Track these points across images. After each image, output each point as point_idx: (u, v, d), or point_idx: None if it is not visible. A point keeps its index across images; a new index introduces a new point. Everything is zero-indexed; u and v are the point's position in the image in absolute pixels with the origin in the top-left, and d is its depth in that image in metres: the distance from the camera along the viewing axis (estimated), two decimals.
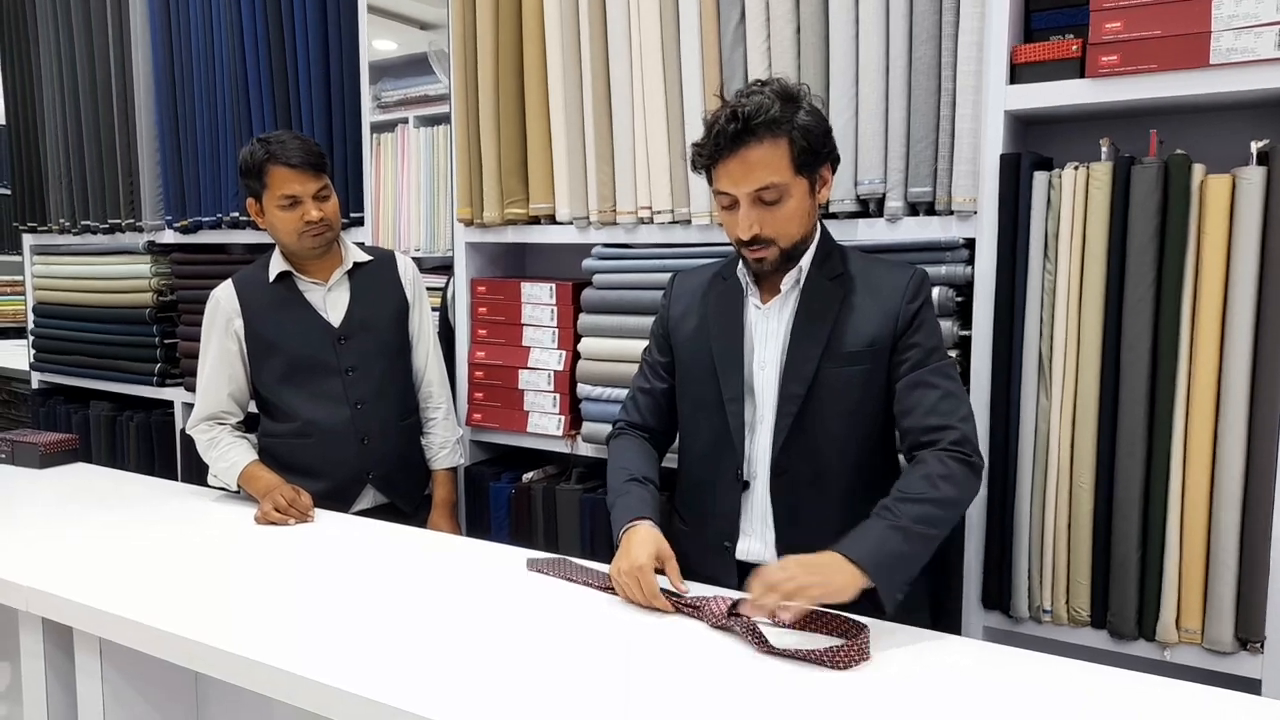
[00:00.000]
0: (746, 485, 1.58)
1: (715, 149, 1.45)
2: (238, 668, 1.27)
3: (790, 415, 1.52)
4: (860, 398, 1.52)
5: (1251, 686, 1.61)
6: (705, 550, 1.60)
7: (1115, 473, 1.68)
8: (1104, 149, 1.66)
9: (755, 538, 1.58)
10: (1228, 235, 1.57)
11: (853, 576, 1.28)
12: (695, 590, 1.46)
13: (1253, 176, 1.54)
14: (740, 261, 1.60)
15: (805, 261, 1.54)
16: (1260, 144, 1.57)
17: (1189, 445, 1.63)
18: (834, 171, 1.56)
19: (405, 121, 2.58)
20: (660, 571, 1.45)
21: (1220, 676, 1.63)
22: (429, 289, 2.40)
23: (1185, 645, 1.67)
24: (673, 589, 1.44)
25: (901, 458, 1.59)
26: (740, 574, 1.51)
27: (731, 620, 1.33)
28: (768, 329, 1.57)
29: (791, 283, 1.55)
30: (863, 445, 1.55)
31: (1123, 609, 1.69)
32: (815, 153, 1.47)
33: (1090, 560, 1.72)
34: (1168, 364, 1.62)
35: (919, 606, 1.59)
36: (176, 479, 2.97)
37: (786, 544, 1.54)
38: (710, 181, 1.52)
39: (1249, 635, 1.61)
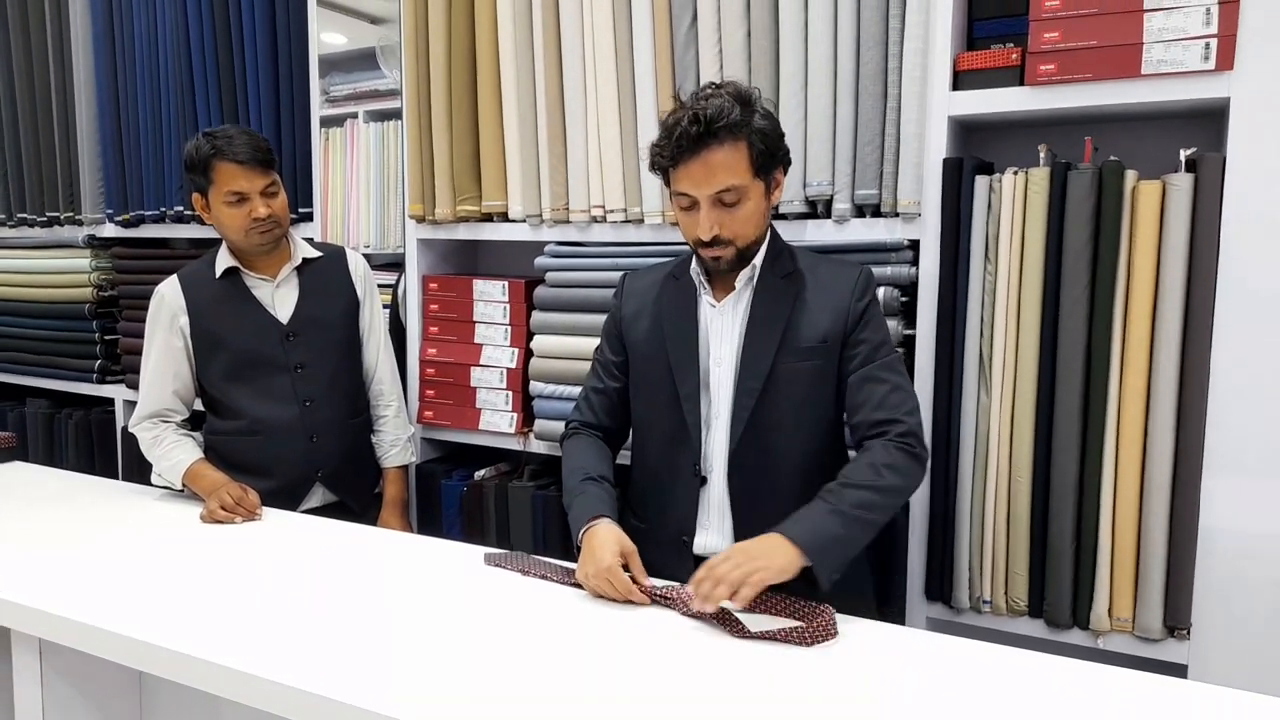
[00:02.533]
0: (704, 480, 1.60)
1: (676, 151, 1.46)
2: (183, 666, 1.26)
3: (747, 409, 1.54)
4: (812, 392, 1.56)
5: (1179, 671, 1.68)
6: (662, 546, 1.61)
7: (1051, 468, 1.74)
8: (1042, 155, 1.72)
9: (713, 531, 1.60)
10: (1158, 238, 1.63)
11: (793, 556, 1.34)
12: (657, 584, 1.47)
13: (1182, 183, 1.61)
14: (693, 261, 1.62)
15: (758, 260, 1.57)
16: (1188, 152, 1.64)
17: (1121, 441, 1.69)
18: (785, 173, 1.59)
19: (355, 116, 2.56)
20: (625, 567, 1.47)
21: (1150, 662, 1.70)
22: (380, 286, 2.38)
23: (1117, 633, 1.73)
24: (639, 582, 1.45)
25: (851, 451, 1.63)
26: (698, 567, 1.52)
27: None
28: (722, 326, 1.59)
29: (745, 281, 1.58)
30: (814, 438, 1.59)
31: (1058, 599, 1.75)
32: (771, 155, 1.50)
33: (1028, 552, 1.78)
34: (1101, 362, 1.69)
35: (864, 599, 1.64)
36: (118, 478, 2.90)
37: (744, 536, 1.53)
38: (667, 183, 1.54)
39: (1176, 623, 1.68)
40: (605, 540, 1.47)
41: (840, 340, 1.55)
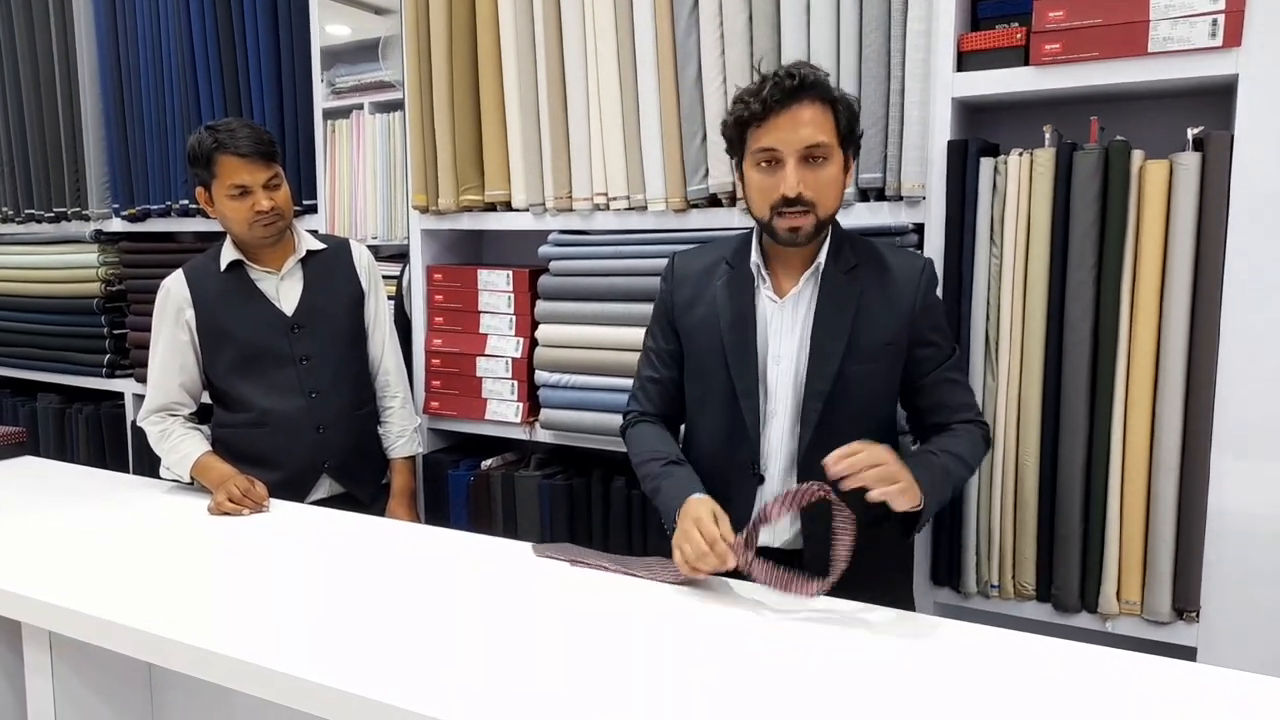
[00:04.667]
0: (761, 479, 1.56)
1: (767, 102, 1.42)
2: (193, 659, 1.27)
3: (815, 412, 1.50)
4: (877, 393, 1.54)
5: (1188, 654, 1.67)
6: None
7: (1059, 451, 1.73)
8: (1047, 135, 1.70)
9: (770, 528, 1.53)
10: (1165, 219, 1.62)
11: (916, 495, 1.36)
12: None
13: (1189, 162, 1.59)
14: (752, 249, 1.55)
15: (822, 255, 1.52)
16: (1196, 131, 1.62)
17: (1128, 424, 1.68)
18: (856, 160, 1.57)
19: (360, 107, 2.56)
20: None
21: (1159, 645, 1.69)
22: (386, 277, 2.38)
23: (1126, 616, 1.72)
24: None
25: (909, 437, 1.69)
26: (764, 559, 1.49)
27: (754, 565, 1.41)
28: (783, 323, 1.53)
29: (809, 275, 1.53)
30: (875, 435, 1.49)
31: (1067, 583, 1.75)
32: (852, 130, 1.49)
33: (1035, 536, 1.77)
34: (1108, 345, 1.67)
35: (904, 586, 1.68)
36: (128, 471, 2.93)
37: (808, 533, 1.55)
38: (738, 148, 1.49)
39: (1185, 606, 1.67)
40: (700, 502, 1.44)
41: (906, 341, 1.53)
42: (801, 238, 1.46)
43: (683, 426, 1.71)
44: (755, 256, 1.55)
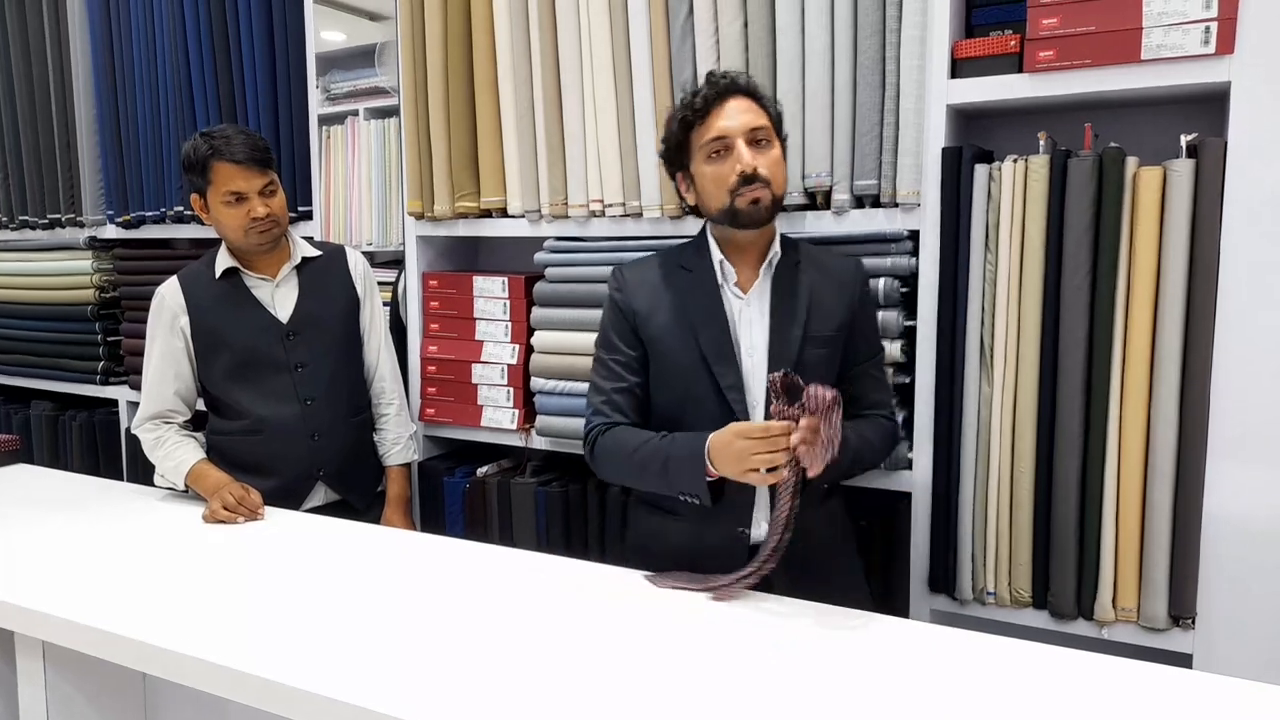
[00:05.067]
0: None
1: (708, 98, 1.55)
2: (187, 668, 1.26)
3: None
4: (828, 378, 1.58)
5: (1184, 661, 1.67)
6: (715, 541, 1.58)
7: (1054, 457, 1.73)
8: (1041, 142, 1.71)
9: (764, 518, 1.59)
10: (1159, 225, 1.62)
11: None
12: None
13: (1182, 169, 1.59)
14: (711, 248, 1.61)
15: (776, 246, 1.62)
16: (1189, 137, 1.62)
17: (1124, 430, 1.68)
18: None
19: (355, 114, 2.56)
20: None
21: (1155, 652, 1.69)
22: (381, 284, 2.38)
23: (1122, 623, 1.72)
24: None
25: None
26: (752, 557, 1.52)
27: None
28: (750, 317, 1.60)
29: (765, 268, 1.61)
30: None
31: (1063, 590, 1.75)
32: (780, 126, 1.62)
33: (1031, 543, 1.77)
34: (1103, 351, 1.67)
35: (859, 590, 1.69)
36: (122, 479, 2.92)
37: (799, 519, 1.54)
38: (684, 154, 1.59)
39: (1181, 612, 1.67)
40: (733, 429, 1.43)
41: (849, 330, 1.64)
42: (763, 211, 1.55)
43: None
44: (718, 254, 1.61)
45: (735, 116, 1.54)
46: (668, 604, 1.42)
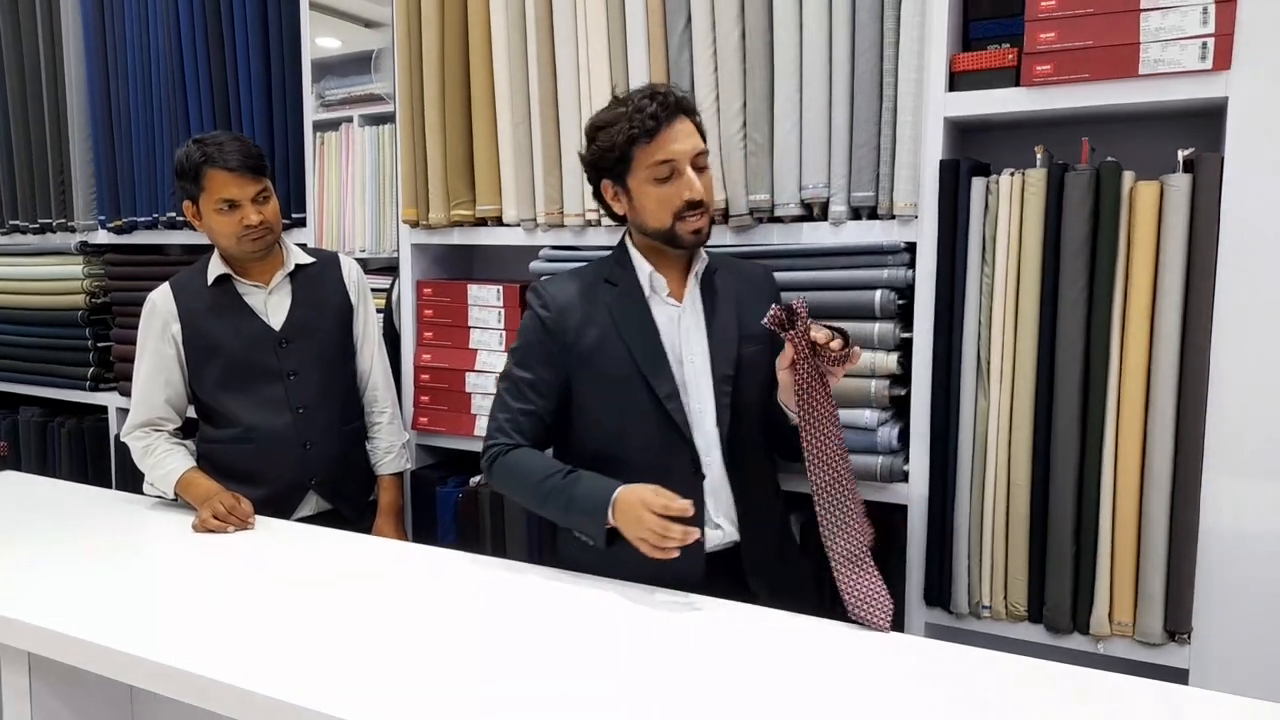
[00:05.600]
0: (704, 475, 1.59)
1: (659, 117, 1.54)
2: (176, 681, 1.24)
3: (727, 395, 1.61)
4: (765, 374, 1.64)
5: (1180, 676, 1.67)
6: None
7: (1050, 471, 1.73)
8: (1039, 156, 1.71)
9: (724, 521, 1.61)
10: (1156, 239, 1.62)
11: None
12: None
13: (1179, 183, 1.59)
14: (636, 262, 1.63)
15: (702, 257, 1.66)
16: (1186, 152, 1.62)
17: (1120, 443, 1.68)
18: None
19: (350, 120, 2.55)
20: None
21: (1151, 667, 1.68)
22: (375, 291, 2.37)
23: (1118, 638, 1.72)
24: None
25: None
26: (708, 564, 1.56)
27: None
28: (687, 324, 1.63)
29: (694, 277, 1.65)
30: (765, 413, 1.65)
31: (1058, 604, 1.74)
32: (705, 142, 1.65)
33: (1027, 557, 1.76)
34: (1100, 365, 1.67)
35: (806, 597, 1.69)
36: (110, 487, 2.89)
37: (748, 521, 1.61)
38: (623, 168, 1.58)
39: (1177, 627, 1.67)
40: (642, 492, 1.43)
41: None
42: (702, 239, 1.60)
43: (579, 447, 1.66)
44: (646, 266, 1.64)
45: (684, 140, 1.56)
46: (660, 616, 1.41)
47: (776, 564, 1.65)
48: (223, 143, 1.92)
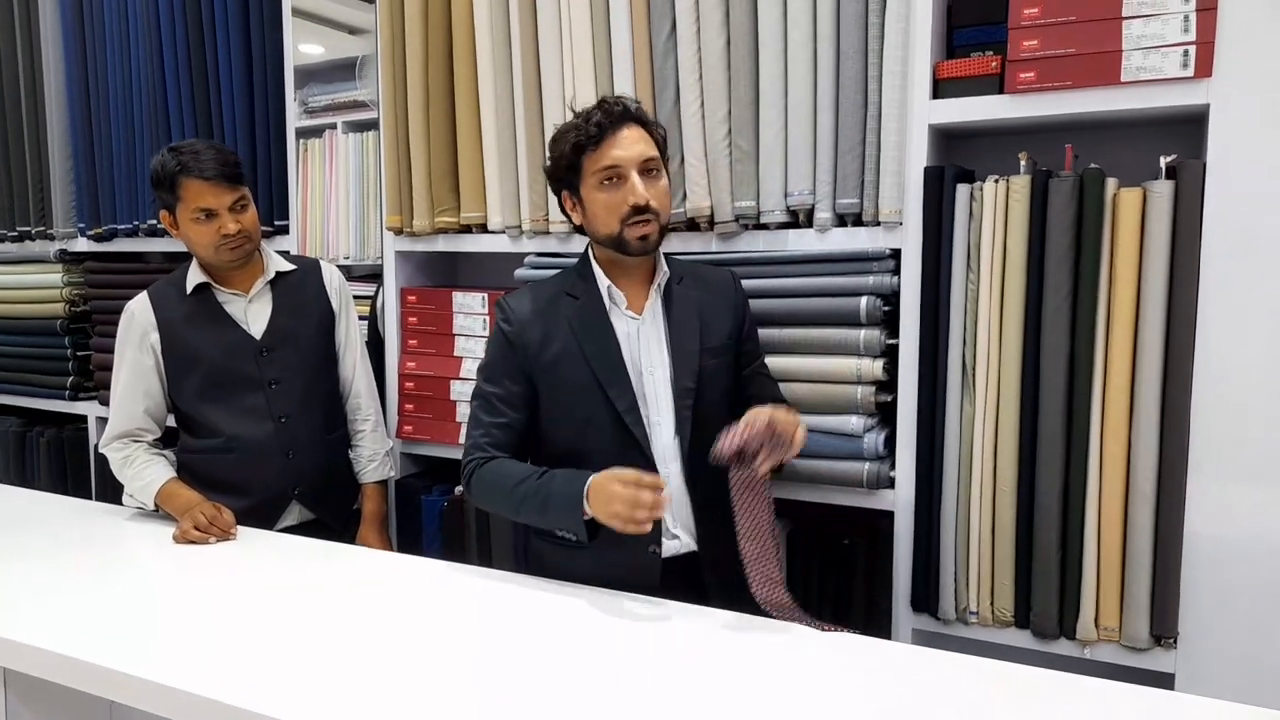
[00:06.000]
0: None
1: (603, 125, 1.56)
2: (156, 696, 1.22)
3: (688, 408, 1.61)
4: (728, 385, 1.67)
5: (1166, 680, 1.67)
6: (626, 559, 1.57)
7: (1036, 476, 1.73)
8: (1023, 163, 1.71)
9: (682, 532, 1.63)
10: (1139, 245, 1.63)
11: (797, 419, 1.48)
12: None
13: (1162, 190, 1.60)
14: (596, 274, 1.63)
15: (662, 268, 1.66)
16: (1169, 159, 1.63)
17: (1105, 448, 1.68)
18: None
19: (334, 127, 2.53)
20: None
21: (1137, 672, 1.69)
22: (359, 298, 2.35)
23: (1104, 643, 1.72)
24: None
25: None
26: (664, 572, 1.58)
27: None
28: (646, 336, 1.63)
29: (655, 288, 1.64)
30: (724, 423, 1.60)
31: (1045, 609, 1.74)
32: (665, 152, 1.66)
33: (1013, 562, 1.76)
34: (1084, 371, 1.68)
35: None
36: (90, 497, 2.86)
37: (706, 531, 1.62)
38: (574, 176, 1.59)
39: (1163, 632, 1.67)
40: (612, 474, 1.44)
41: (737, 336, 1.70)
42: (650, 245, 1.59)
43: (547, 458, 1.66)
44: (605, 280, 1.63)
45: (629, 146, 1.56)
46: (648, 627, 1.40)
47: (735, 575, 1.56)
48: (199, 151, 1.89)
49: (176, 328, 1.96)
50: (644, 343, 1.63)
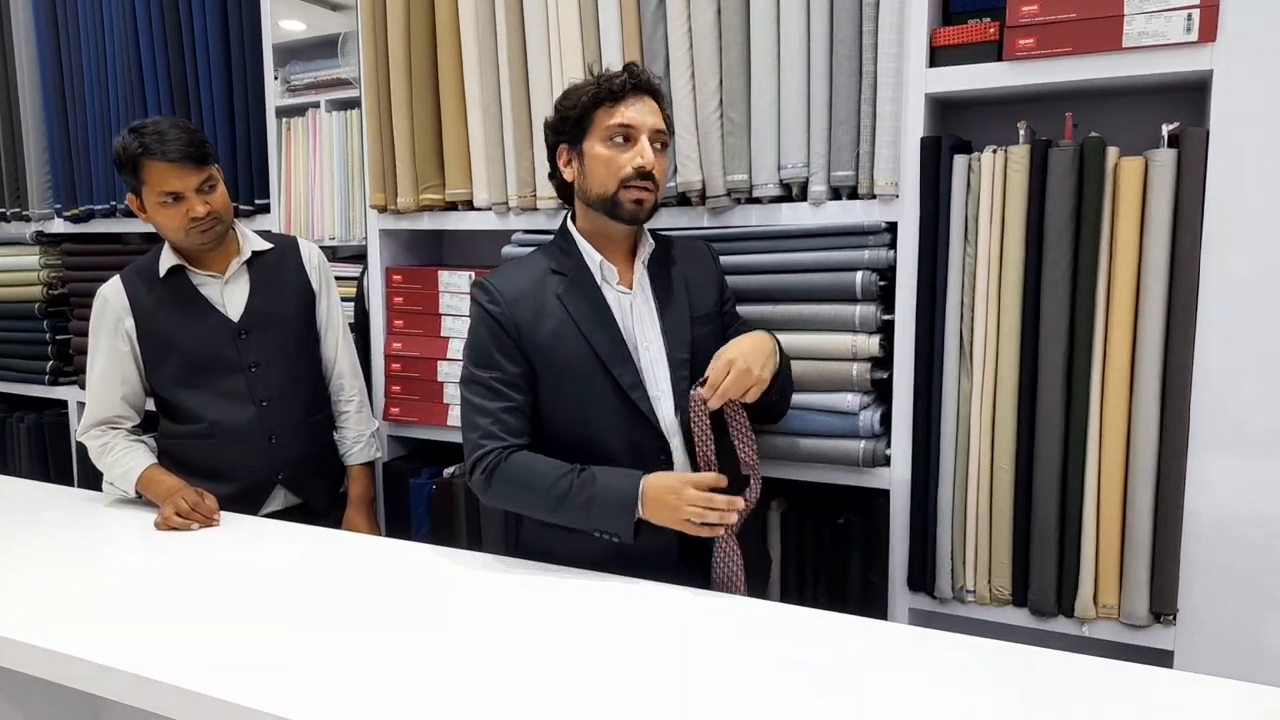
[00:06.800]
0: (671, 464, 1.58)
1: (626, 84, 1.55)
2: (141, 690, 1.18)
3: (684, 380, 1.59)
4: (715, 348, 1.60)
5: (1165, 657, 1.66)
6: (642, 539, 1.52)
7: (1034, 453, 1.70)
8: (1021, 132, 1.67)
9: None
10: (1140, 216, 1.59)
11: (767, 358, 1.54)
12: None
13: (1164, 159, 1.57)
14: (583, 249, 1.60)
15: (647, 242, 1.65)
16: (1171, 127, 1.60)
17: (1104, 425, 1.66)
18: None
19: (317, 105, 2.47)
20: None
21: (1136, 649, 1.67)
22: (344, 278, 2.30)
23: (1103, 620, 1.70)
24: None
25: None
26: (681, 548, 1.55)
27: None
28: (639, 311, 1.61)
29: (641, 262, 1.63)
30: None
31: (1043, 587, 1.72)
32: (671, 132, 1.70)
33: (1011, 540, 1.74)
34: (1084, 345, 1.65)
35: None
36: (72, 483, 2.81)
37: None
38: (580, 130, 1.57)
39: (1162, 609, 1.65)
40: (669, 479, 1.48)
41: (719, 303, 1.72)
42: (643, 213, 1.57)
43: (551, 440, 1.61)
44: (595, 254, 1.60)
45: (647, 114, 1.57)
46: (643, 607, 1.37)
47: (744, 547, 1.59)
48: (163, 131, 1.80)
49: (151, 313, 1.91)
50: (637, 317, 1.60)
